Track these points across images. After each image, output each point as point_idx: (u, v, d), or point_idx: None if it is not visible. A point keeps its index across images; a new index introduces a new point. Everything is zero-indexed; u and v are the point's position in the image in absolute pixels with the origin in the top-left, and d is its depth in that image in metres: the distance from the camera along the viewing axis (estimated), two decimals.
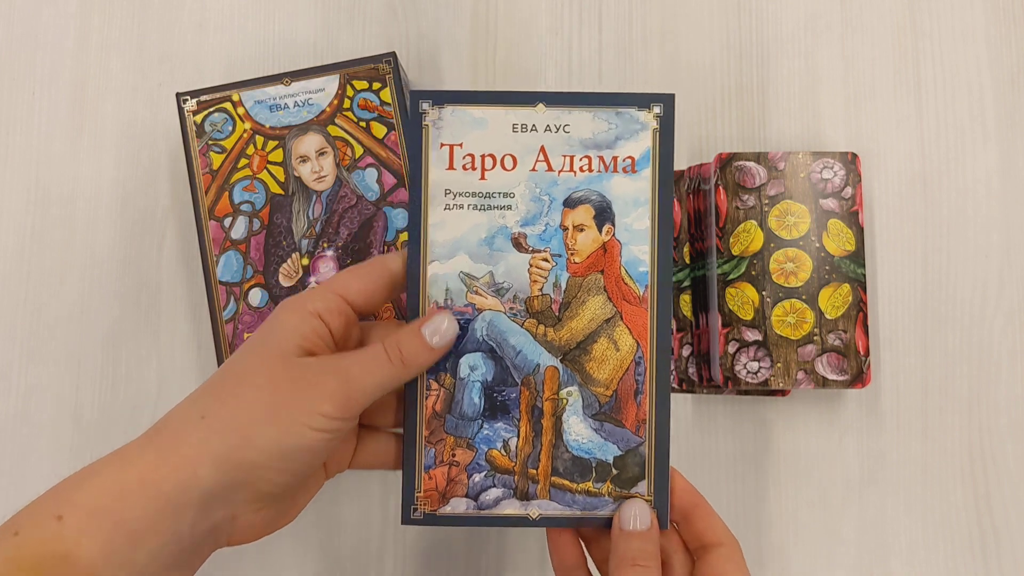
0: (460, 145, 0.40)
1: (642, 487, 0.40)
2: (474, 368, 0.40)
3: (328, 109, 0.52)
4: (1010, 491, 0.51)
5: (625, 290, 0.40)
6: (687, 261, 0.53)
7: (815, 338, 0.48)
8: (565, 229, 0.40)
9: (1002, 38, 0.55)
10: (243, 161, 0.52)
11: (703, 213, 0.53)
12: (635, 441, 0.40)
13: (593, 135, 0.41)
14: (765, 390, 0.52)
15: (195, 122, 0.52)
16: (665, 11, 0.57)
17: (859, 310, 0.49)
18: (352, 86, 0.52)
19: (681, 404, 0.53)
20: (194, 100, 0.53)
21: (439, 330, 0.38)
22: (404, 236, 0.51)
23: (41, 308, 0.56)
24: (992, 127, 0.54)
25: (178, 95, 0.53)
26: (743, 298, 0.49)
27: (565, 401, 0.40)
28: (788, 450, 0.52)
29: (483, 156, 0.40)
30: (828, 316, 0.49)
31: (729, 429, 0.53)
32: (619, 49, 0.56)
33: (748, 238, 0.49)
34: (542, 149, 0.40)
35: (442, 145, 0.40)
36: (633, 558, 0.37)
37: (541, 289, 0.40)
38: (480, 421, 0.40)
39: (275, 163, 0.52)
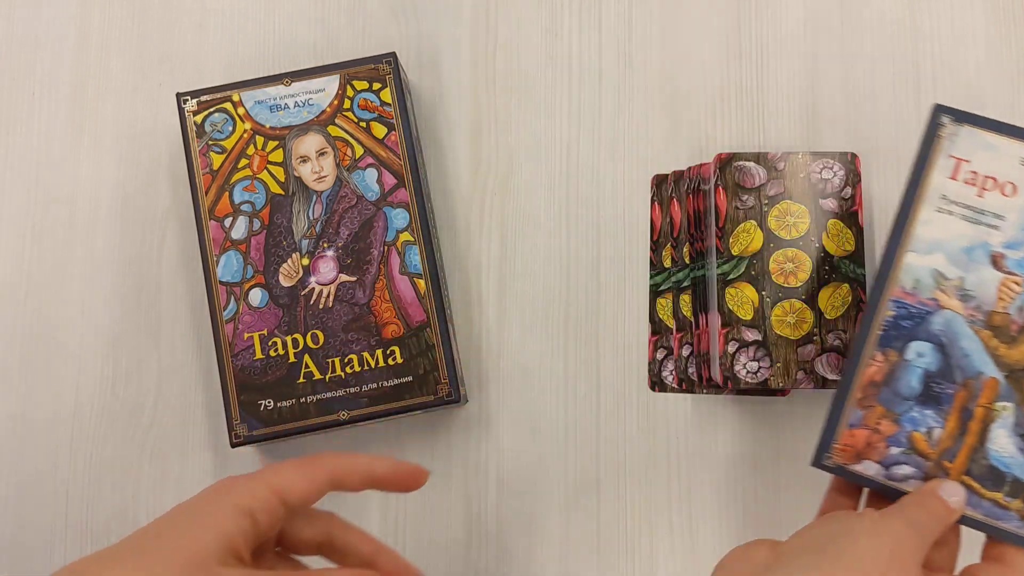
0: (967, 161, 0.43)
1: None
2: (921, 355, 0.42)
3: (328, 109, 0.52)
4: None
5: None
6: (687, 261, 0.53)
7: (814, 338, 0.48)
8: None
9: (1002, 38, 0.55)
10: (243, 161, 0.52)
11: (703, 213, 0.53)
12: None
13: None
14: (765, 390, 0.52)
15: (195, 122, 0.52)
16: (665, 11, 0.57)
17: (859, 310, 0.49)
18: (352, 86, 0.52)
19: (681, 404, 0.53)
20: (194, 100, 0.53)
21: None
22: (404, 236, 0.51)
23: (41, 308, 0.56)
24: None
25: (178, 95, 0.53)
26: (743, 298, 0.49)
27: (998, 413, 0.41)
28: (788, 450, 0.52)
29: (985, 176, 0.43)
30: (828, 316, 0.49)
31: (729, 429, 0.53)
32: (619, 49, 0.56)
33: (748, 238, 0.50)
34: None
35: (950, 156, 0.43)
36: None
37: (1005, 307, 0.42)
38: (912, 403, 0.42)
39: (275, 163, 0.52)
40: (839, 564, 0.35)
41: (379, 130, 0.52)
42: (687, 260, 0.53)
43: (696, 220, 0.53)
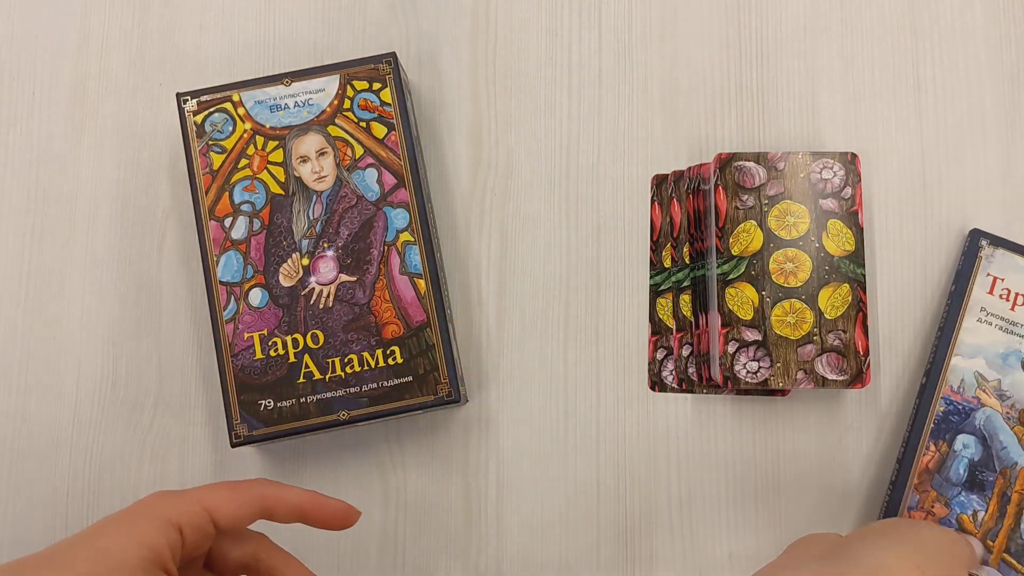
0: (1002, 279, 0.50)
1: None
2: (966, 446, 0.48)
3: (328, 109, 0.52)
4: None
5: None
6: (687, 261, 0.53)
7: (814, 338, 0.48)
8: None
9: (1002, 38, 0.55)
10: (243, 161, 0.52)
11: (703, 213, 0.53)
12: None
13: None
14: (765, 390, 0.52)
15: (195, 122, 0.52)
16: (665, 11, 0.57)
17: (859, 310, 0.49)
18: (352, 86, 0.52)
19: (681, 404, 0.53)
20: (194, 100, 0.53)
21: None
22: (404, 236, 0.51)
23: (41, 308, 0.56)
24: (992, 127, 0.54)
25: (178, 95, 0.53)
26: (743, 298, 0.49)
27: None
28: (788, 450, 0.52)
29: (1016, 294, 0.50)
30: (827, 316, 0.49)
31: (729, 429, 0.53)
32: (618, 49, 0.56)
33: (748, 238, 0.50)
34: None
35: (988, 275, 0.50)
36: None
37: None
38: (960, 489, 0.48)
39: (275, 163, 0.52)
40: (908, 544, 0.39)
41: (379, 130, 0.52)
42: (687, 260, 0.53)
43: (696, 220, 0.53)
